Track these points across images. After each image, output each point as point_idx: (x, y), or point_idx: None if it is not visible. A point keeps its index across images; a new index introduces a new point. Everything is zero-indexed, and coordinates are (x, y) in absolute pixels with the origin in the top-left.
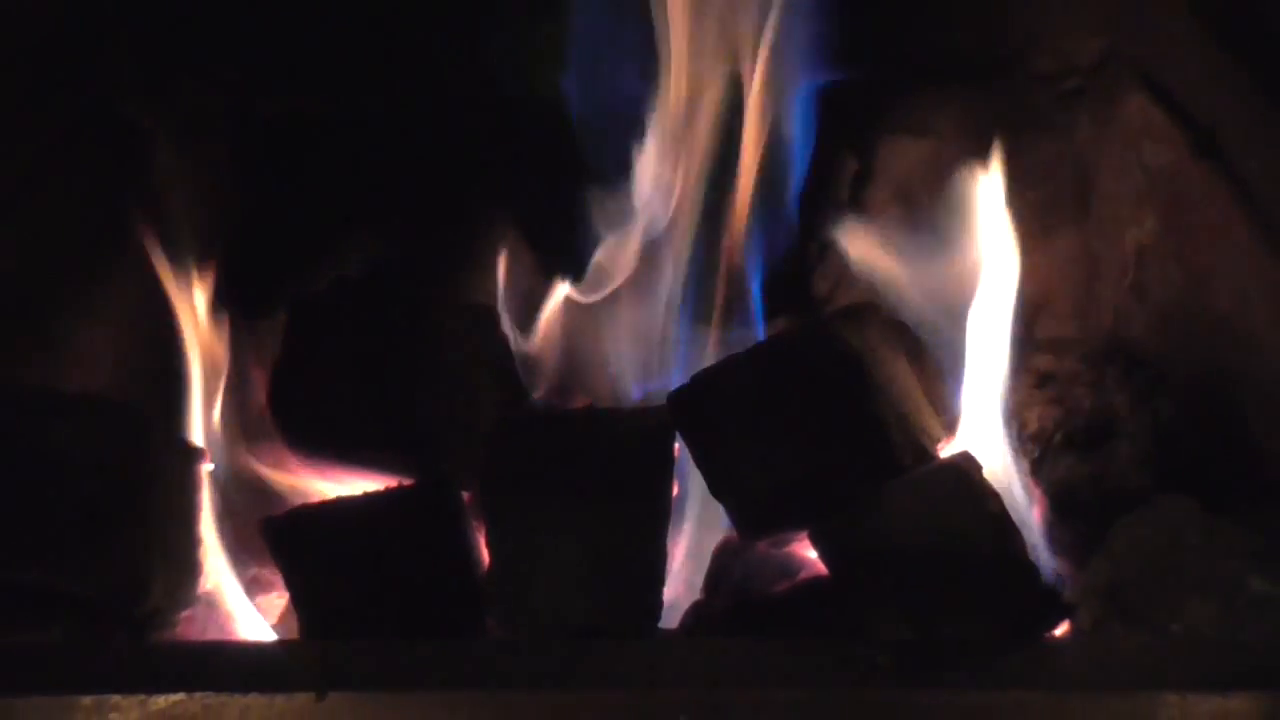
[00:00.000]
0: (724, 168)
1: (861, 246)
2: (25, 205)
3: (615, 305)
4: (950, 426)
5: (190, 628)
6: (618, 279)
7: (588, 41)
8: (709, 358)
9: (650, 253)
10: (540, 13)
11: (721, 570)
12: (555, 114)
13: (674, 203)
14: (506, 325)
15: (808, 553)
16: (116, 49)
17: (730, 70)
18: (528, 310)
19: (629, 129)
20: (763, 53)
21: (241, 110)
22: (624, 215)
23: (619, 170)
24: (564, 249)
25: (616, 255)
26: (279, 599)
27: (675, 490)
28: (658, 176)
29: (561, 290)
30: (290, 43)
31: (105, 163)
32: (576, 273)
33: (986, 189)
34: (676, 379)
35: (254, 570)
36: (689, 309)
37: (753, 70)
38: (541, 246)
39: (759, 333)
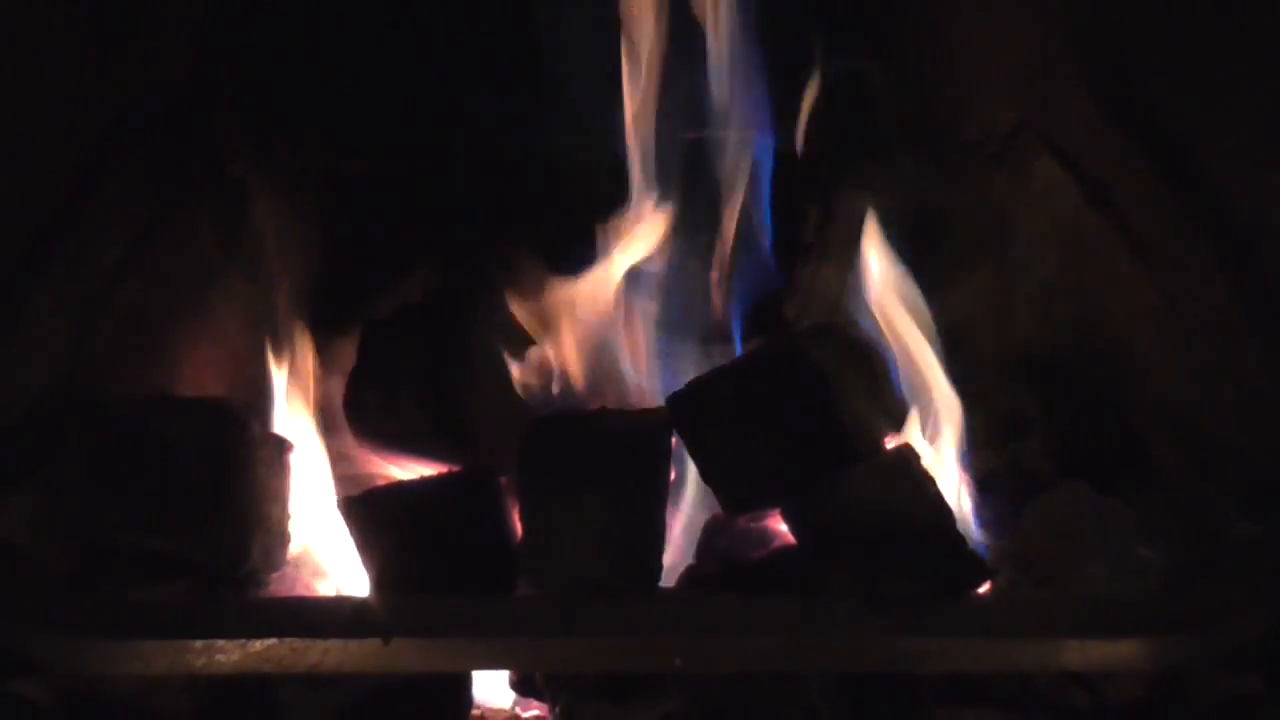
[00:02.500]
0: (710, 216)
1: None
2: (153, 246)
3: (625, 327)
4: (895, 425)
5: (280, 586)
6: (628, 307)
7: (599, 107)
8: (700, 369)
9: (652, 284)
10: (556, 90)
11: (710, 540)
12: (575, 169)
13: (670, 244)
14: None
15: (780, 526)
16: (227, 120)
17: (716, 136)
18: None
19: (630, 186)
20: (741, 118)
21: (327, 169)
22: (631, 255)
23: (626, 221)
24: (585, 281)
25: (626, 287)
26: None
27: (673, 475)
28: (655, 229)
29: (579, 315)
30: (365, 116)
31: (217, 211)
32: (594, 301)
33: (923, 232)
34: (674, 386)
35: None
36: (684, 330)
37: (734, 135)
38: (567, 279)
39: (740, 348)
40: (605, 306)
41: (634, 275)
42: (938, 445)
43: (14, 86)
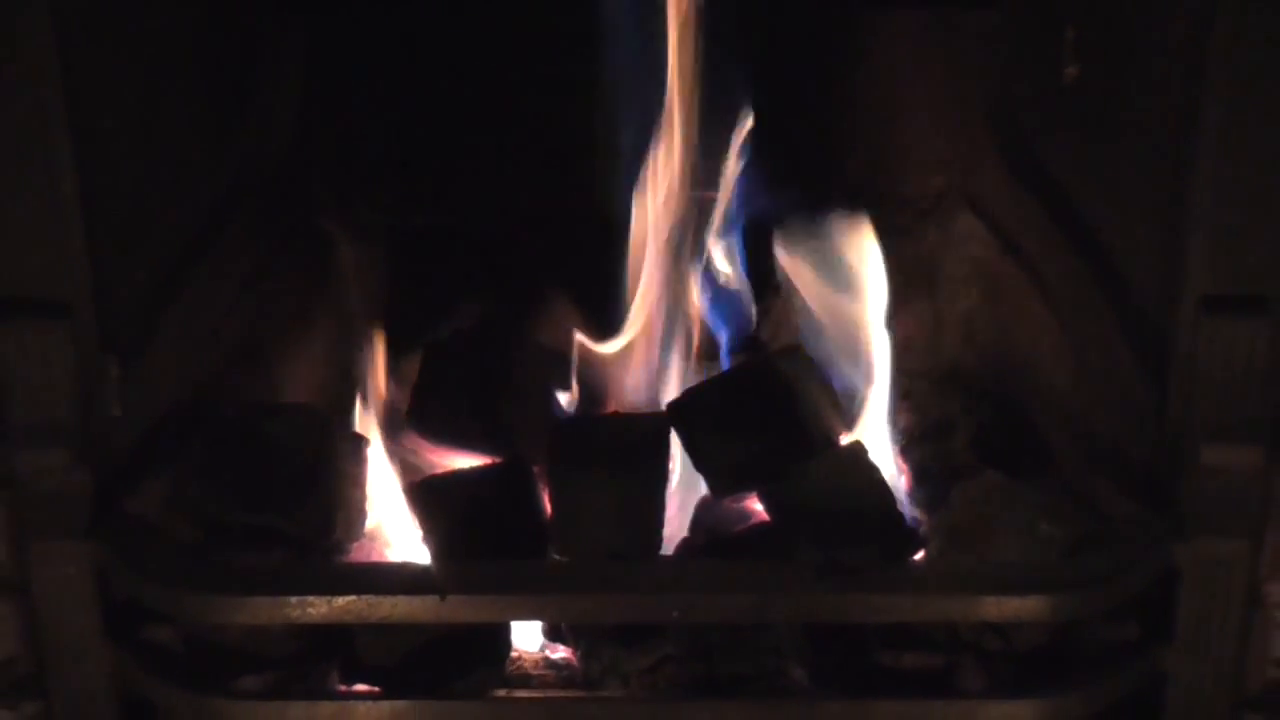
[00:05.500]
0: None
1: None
2: (258, 285)
3: (634, 348)
4: (848, 425)
5: (359, 554)
6: (636, 332)
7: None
8: (693, 380)
9: (656, 315)
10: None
11: (700, 518)
12: (596, 222)
13: (673, 284)
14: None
15: (756, 506)
16: (315, 183)
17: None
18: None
19: (640, 235)
20: (726, 182)
21: (396, 222)
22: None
23: (636, 264)
24: (600, 309)
25: (635, 315)
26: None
27: (671, 466)
28: (657, 268)
29: (596, 338)
30: (427, 181)
31: (308, 257)
32: (609, 327)
33: (870, 273)
34: (672, 394)
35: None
36: (680, 350)
37: (723, 196)
38: (587, 310)
39: (725, 365)
40: (619, 328)
41: (644, 307)
42: (882, 441)
43: (152, 163)
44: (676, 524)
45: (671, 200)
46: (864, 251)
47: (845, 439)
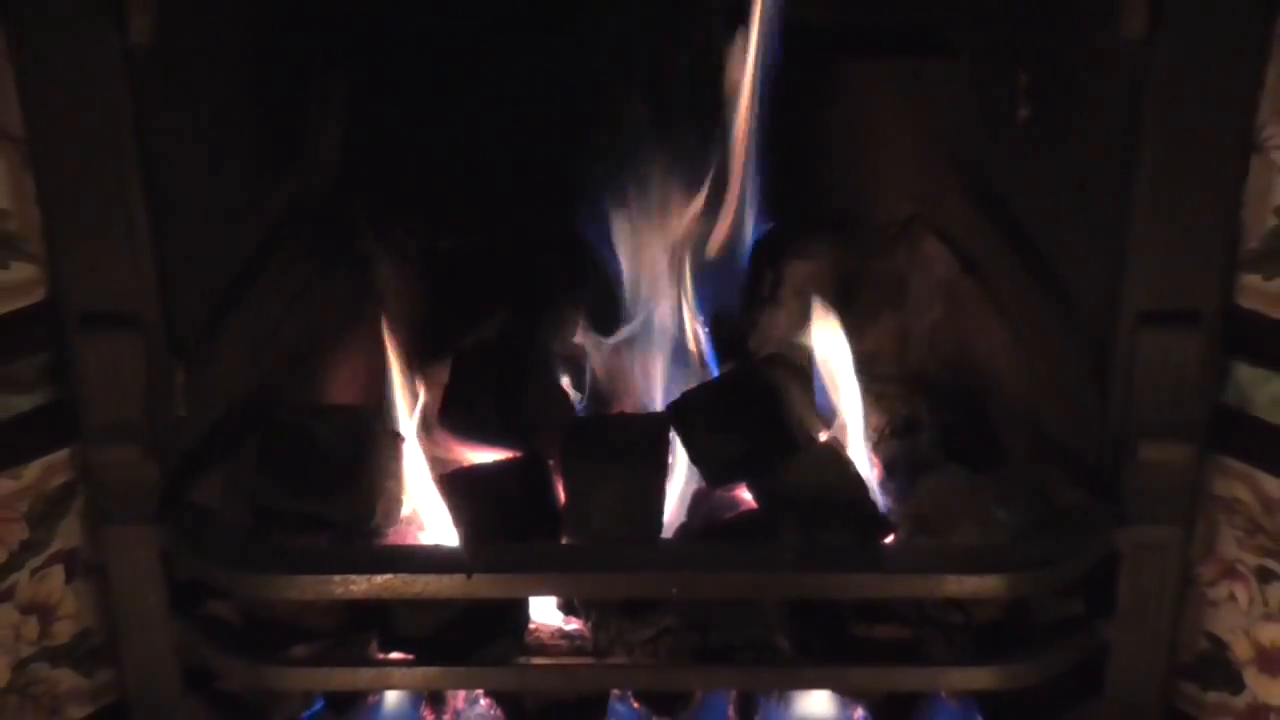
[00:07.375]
0: (696, 278)
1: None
2: (305, 301)
3: (639, 355)
4: (826, 424)
5: (396, 537)
6: (640, 341)
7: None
8: (690, 385)
9: (659, 326)
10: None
11: (697, 506)
12: (607, 244)
13: (671, 299)
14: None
15: (745, 495)
16: (357, 210)
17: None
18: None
19: (642, 256)
20: (722, 209)
21: (428, 245)
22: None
23: (639, 280)
24: (608, 321)
25: (639, 327)
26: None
27: (671, 460)
28: (659, 286)
29: (604, 346)
30: (455, 208)
31: (349, 276)
32: (617, 337)
33: (846, 290)
34: (672, 396)
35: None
36: (680, 357)
37: (720, 221)
38: (598, 322)
39: (717, 371)
40: (624, 338)
41: (646, 319)
42: (856, 439)
43: (214, 194)
44: (675, 511)
45: (675, 224)
46: (841, 270)
47: (824, 437)
